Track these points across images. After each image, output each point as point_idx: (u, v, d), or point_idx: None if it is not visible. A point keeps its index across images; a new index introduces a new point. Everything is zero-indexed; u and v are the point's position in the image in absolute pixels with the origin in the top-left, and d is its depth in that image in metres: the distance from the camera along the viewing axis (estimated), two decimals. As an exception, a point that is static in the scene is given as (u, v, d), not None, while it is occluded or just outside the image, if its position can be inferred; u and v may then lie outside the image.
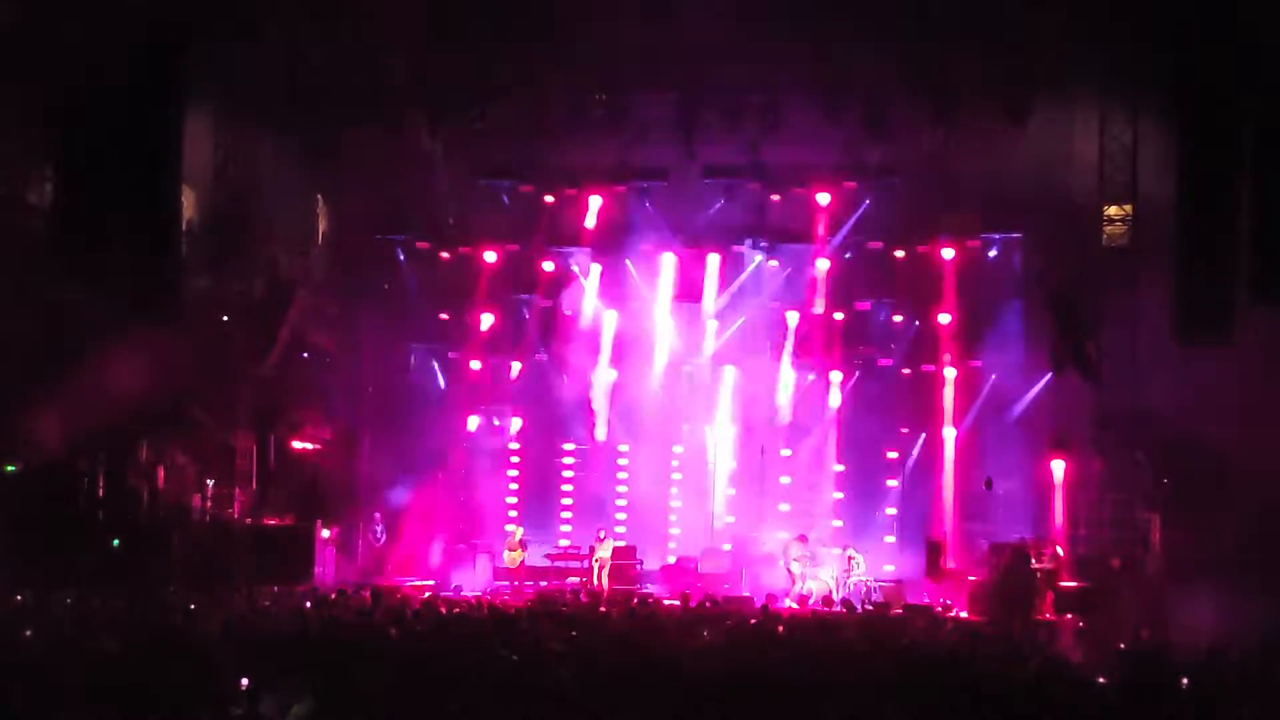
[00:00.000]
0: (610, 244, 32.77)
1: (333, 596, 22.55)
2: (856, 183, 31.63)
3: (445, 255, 33.14)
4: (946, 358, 31.48)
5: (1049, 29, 26.48)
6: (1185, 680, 14.01)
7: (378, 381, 33.49)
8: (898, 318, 32.03)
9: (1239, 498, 25.64)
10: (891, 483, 31.96)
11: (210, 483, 28.24)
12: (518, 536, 30.35)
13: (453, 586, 29.32)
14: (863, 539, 30.61)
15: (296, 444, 30.72)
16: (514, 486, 33.29)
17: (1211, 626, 19.50)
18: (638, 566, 30.49)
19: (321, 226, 31.93)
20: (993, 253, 31.43)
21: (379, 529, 31.17)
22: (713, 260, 32.54)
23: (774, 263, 32.55)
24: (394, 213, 32.47)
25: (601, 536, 29.72)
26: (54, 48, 24.65)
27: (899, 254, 31.74)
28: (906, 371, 32.03)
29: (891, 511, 31.84)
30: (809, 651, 15.69)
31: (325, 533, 28.87)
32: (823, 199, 31.81)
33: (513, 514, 32.75)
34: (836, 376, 32.14)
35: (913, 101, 28.41)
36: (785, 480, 32.32)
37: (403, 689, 12.50)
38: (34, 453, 25.74)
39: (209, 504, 28.12)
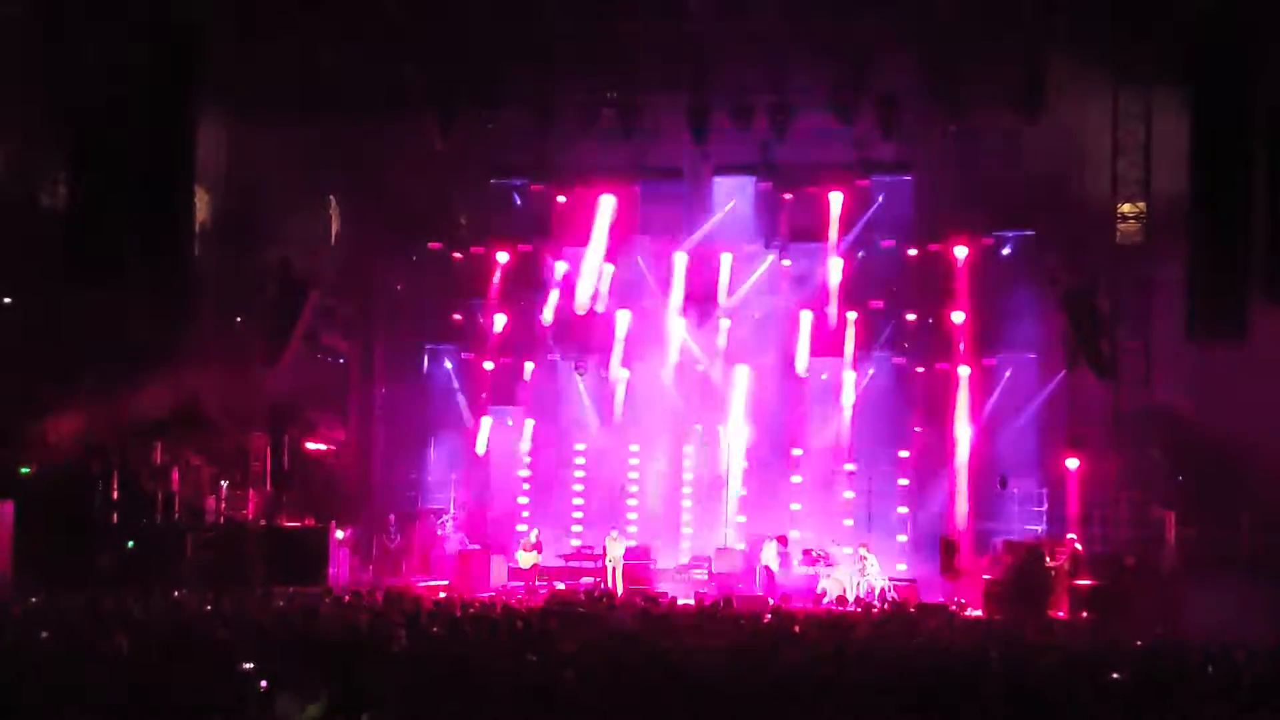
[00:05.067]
0: (622, 244, 32.77)
1: (347, 598, 22.56)
2: (869, 181, 31.62)
3: (457, 255, 33.17)
4: (960, 355, 31.41)
5: (1061, 26, 26.44)
6: (1200, 677, 13.99)
7: (391, 382, 33.56)
8: (911, 316, 31.96)
9: (1254, 495, 25.60)
10: (904, 481, 31.84)
11: (224, 484, 28.30)
12: (533, 537, 30.35)
13: (467, 587, 29.33)
14: (876, 538, 30.56)
15: (310, 445, 30.78)
16: (527, 487, 33.26)
17: (1227, 623, 19.44)
18: (651, 567, 30.45)
19: (334, 227, 31.97)
20: (1006, 250, 31.37)
21: (393, 530, 31.19)
22: (725, 259, 32.51)
23: (786, 262, 32.49)
24: (406, 213, 32.48)
25: (615, 537, 29.69)
26: (67, 50, 24.75)
27: (912, 252, 31.69)
28: (920, 370, 31.95)
29: (904, 510, 31.74)
30: (823, 650, 15.66)
31: (339, 534, 28.89)
32: (835, 198, 31.77)
33: (525, 514, 32.77)
34: (850, 376, 32.08)
35: (925, 99, 28.37)
36: (797, 479, 32.23)
37: (416, 690, 12.50)
38: (49, 455, 25.81)
39: (223, 505, 28.18)
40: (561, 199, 32.66)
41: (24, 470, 25.76)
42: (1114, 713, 12.58)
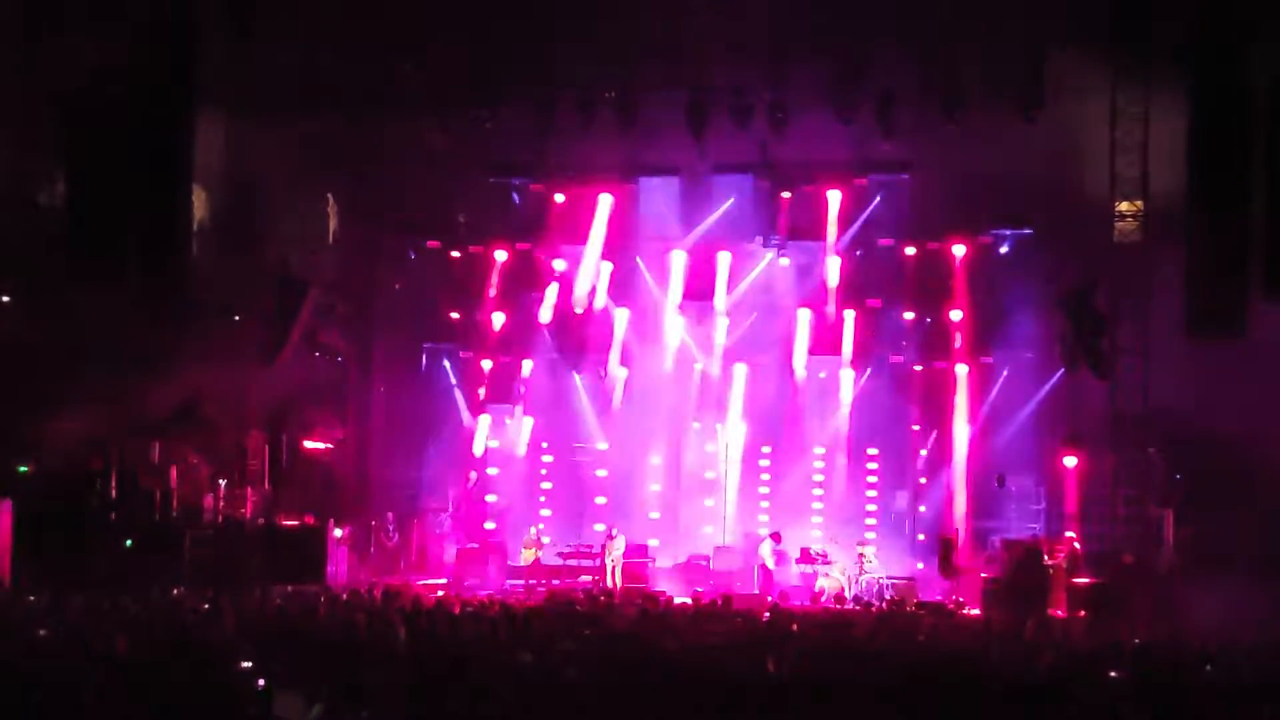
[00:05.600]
0: (621, 242, 32.77)
1: (345, 596, 22.56)
2: (867, 179, 31.60)
3: (456, 254, 33.16)
4: (958, 354, 31.42)
5: (1059, 25, 26.47)
6: (1198, 676, 13.99)
7: (389, 381, 33.55)
8: (909, 315, 31.95)
9: (1252, 493, 25.61)
10: (902, 480, 31.83)
11: (223, 483, 28.29)
12: (533, 533, 30.37)
13: (465, 585, 29.35)
14: (874, 536, 30.58)
15: (309, 444, 30.78)
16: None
17: (1224, 622, 19.46)
18: (650, 565, 30.44)
19: (332, 226, 31.96)
20: (1004, 249, 31.37)
21: (391, 528, 31.20)
22: (723, 258, 32.50)
23: (785, 260, 32.49)
24: (404, 212, 32.50)
25: (614, 534, 29.68)
26: (65, 49, 24.76)
27: (910, 250, 31.67)
28: (918, 368, 31.94)
29: (902, 509, 31.74)
30: (821, 649, 15.66)
31: (338, 532, 28.88)
32: (833, 196, 31.76)
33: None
34: (848, 374, 32.08)
35: (923, 98, 28.39)
36: (795, 478, 32.23)
37: (415, 689, 12.49)
38: (47, 454, 25.81)
39: (221, 504, 28.16)
40: (560, 197, 32.65)
41: (22, 469, 25.77)
42: (1112, 711, 12.58)
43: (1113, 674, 13.86)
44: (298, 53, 27.69)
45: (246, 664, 13.01)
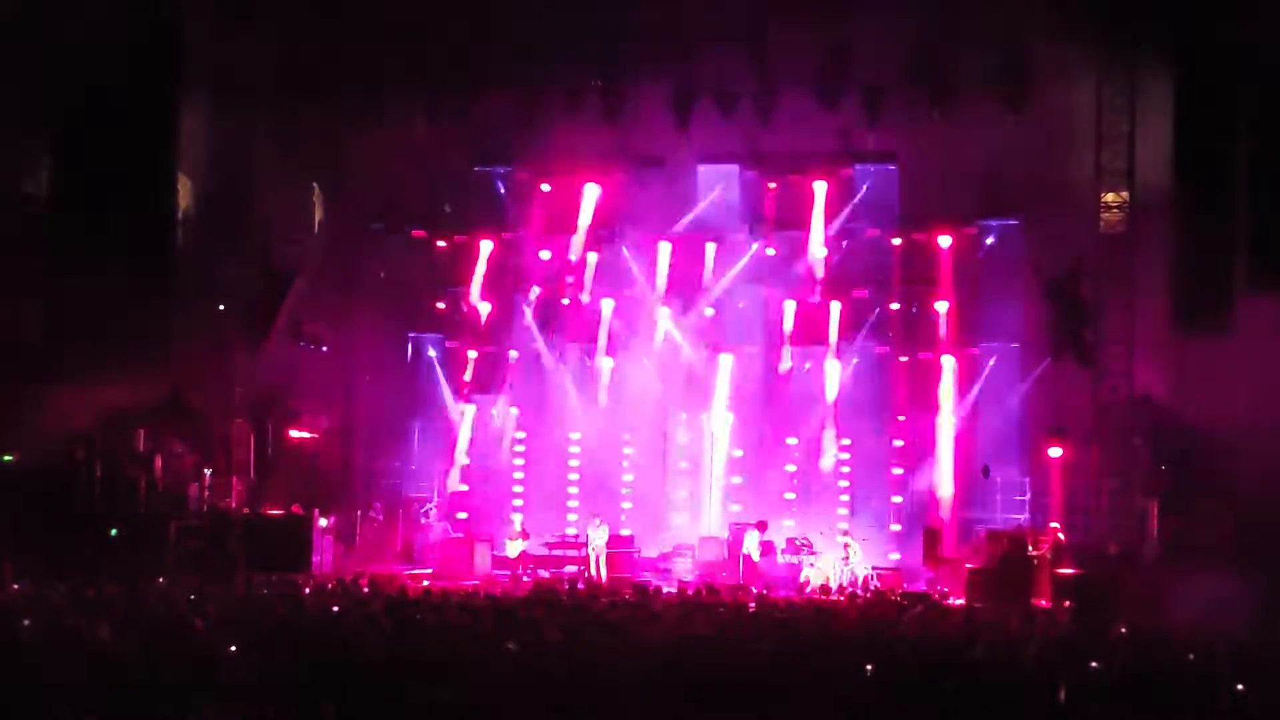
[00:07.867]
0: (607, 232, 32.75)
1: (331, 585, 22.55)
2: (853, 169, 31.60)
3: (441, 244, 33.11)
4: (944, 344, 31.44)
5: (1046, 15, 26.48)
6: (1182, 666, 14.03)
7: (374, 370, 33.50)
8: (895, 305, 31.96)
9: (1236, 484, 25.66)
10: (887, 470, 31.86)
11: (208, 472, 28.24)
12: (517, 525, 30.34)
13: (451, 576, 29.34)
14: (861, 527, 30.59)
15: (294, 433, 30.74)
16: (516, 475, 33.27)
17: (1208, 612, 19.51)
18: (634, 555, 30.44)
19: (317, 215, 31.89)
20: (990, 239, 31.39)
21: (377, 518, 31.16)
22: (710, 248, 32.48)
23: (771, 250, 32.47)
24: (390, 201, 32.44)
25: (597, 523, 29.68)
26: (51, 40, 24.68)
27: (896, 241, 31.69)
28: (904, 359, 31.95)
29: (897, 500, 31.75)
30: (807, 639, 15.68)
31: (323, 522, 28.85)
32: (819, 186, 31.73)
33: (517, 503, 32.80)
34: (834, 364, 32.08)
35: (910, 88, 28.39)
36: (790, 468, 32.24)
37: (400, 678, 12.49)
38: (31, 443, 25.75)
39: (206, 493, 28.11)
40: (546, 187, 32.61)
41: (6, 458, 25.71)
42: (1095, 702, 12.62)
43: (1096, 664, 13.90)
44: (283, 42, 27.60)
45: (230, 654, 13.01)
